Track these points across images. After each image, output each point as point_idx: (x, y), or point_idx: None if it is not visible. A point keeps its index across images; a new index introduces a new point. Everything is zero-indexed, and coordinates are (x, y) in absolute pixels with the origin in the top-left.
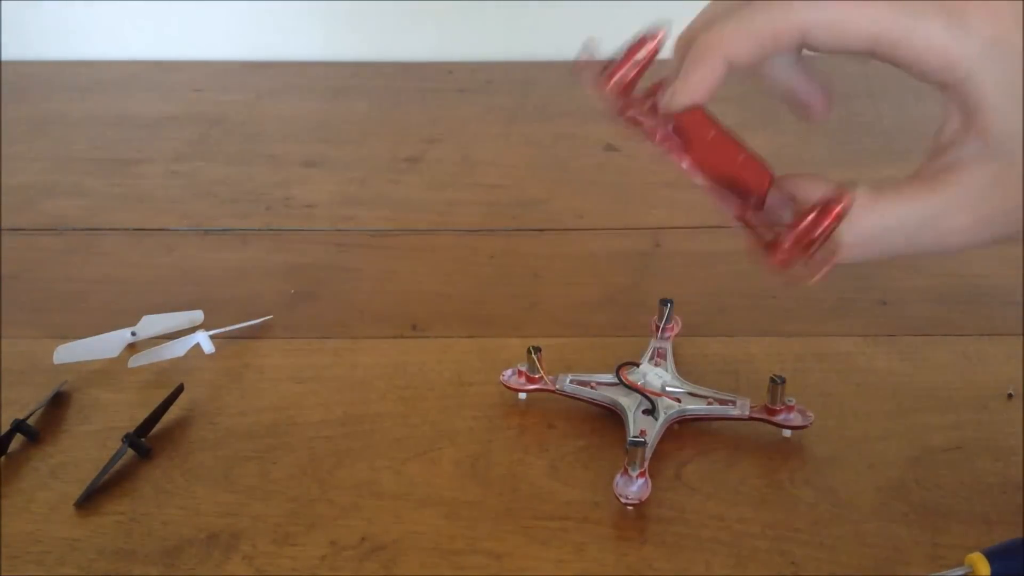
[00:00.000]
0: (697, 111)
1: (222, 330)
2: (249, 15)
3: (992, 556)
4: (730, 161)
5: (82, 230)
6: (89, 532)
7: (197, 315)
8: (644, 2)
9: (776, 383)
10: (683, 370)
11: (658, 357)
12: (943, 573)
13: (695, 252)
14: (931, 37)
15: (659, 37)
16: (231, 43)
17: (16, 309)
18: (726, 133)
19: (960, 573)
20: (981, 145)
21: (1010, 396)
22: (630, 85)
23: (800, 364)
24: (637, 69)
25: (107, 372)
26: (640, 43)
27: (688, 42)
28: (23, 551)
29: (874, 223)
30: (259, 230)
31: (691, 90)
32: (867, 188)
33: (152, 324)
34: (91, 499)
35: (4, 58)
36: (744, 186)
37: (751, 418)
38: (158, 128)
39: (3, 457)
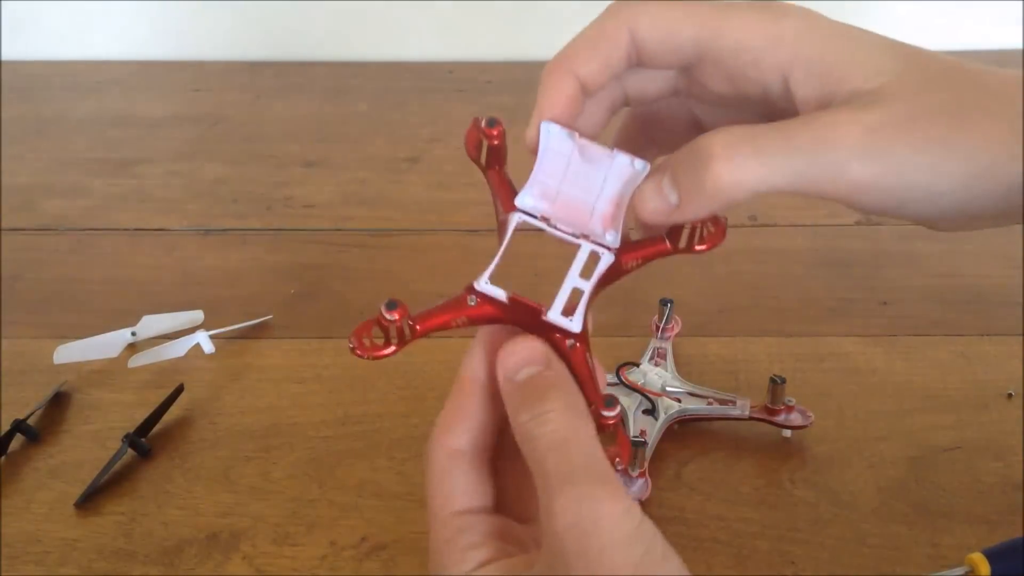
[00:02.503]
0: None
1: (222, 330)
2: (249, 15)
3: (992, 556)
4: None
5: (82, 230)
6: (89, 532)
7: (197, 315)
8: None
9: (776, 383)
10: (683, 370)
11: (658, 357)
12: (943, 573)
13: None
14: (750, 21)
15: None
16: (231, 43)
17: (16, 309)
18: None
19: (960, 573)
20: (841, 93)
21: (1010, 396)
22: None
23: (800, 364)
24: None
25: (107, 372)
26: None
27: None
28: (23, 551)
29: (753, 156)
30: (259, 230)
31: (541, 112)
32: (741, 127)
33: (152, 324)
34: (91, 499)
35: (4, 58)
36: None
37: (751, 418)
38: (158, 128)
39: (3, 457)
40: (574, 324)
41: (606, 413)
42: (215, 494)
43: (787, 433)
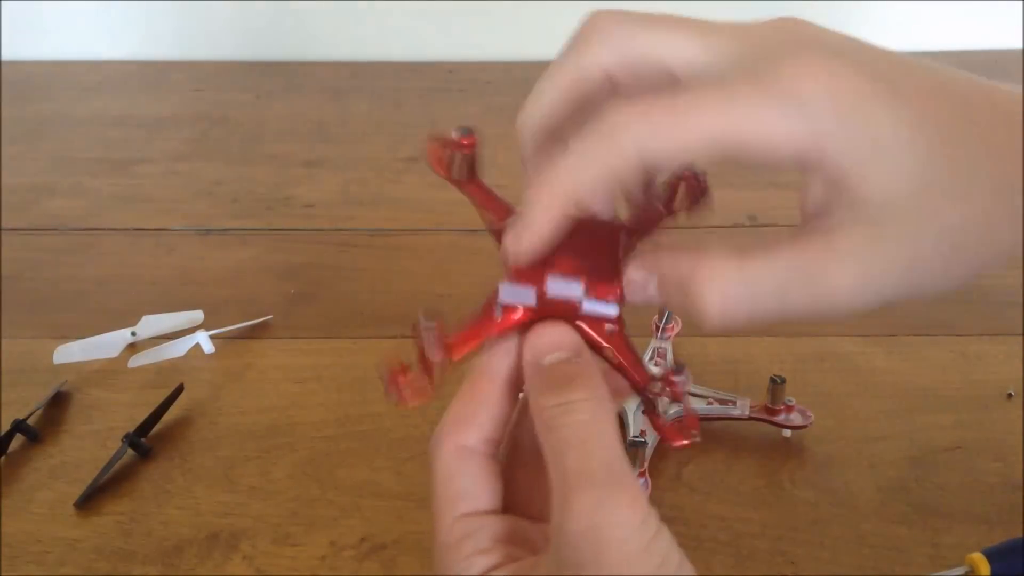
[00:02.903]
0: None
1: (222, 330)
2: (249, 15)
3: (992, 556)
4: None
5: (82, 230)
6: (89, 532)
7: (197, 315)
8: (643, 2)
9: (776, 383)
10: None
11: (658, 357)
12: (943, 573)
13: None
14: (772, 130)
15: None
16: (231, 43)
17: (16, 309)
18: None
19: (960, 573)
20: (848, 211)
21: (1010, 396)
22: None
23: (800, 364)
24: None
25: (107, 372)
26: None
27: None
28: (23, 551)
29: (740, 286)
30: (259, 230)
31: (531, 240)
32: (729, 251)
33: (152, 324)
34: (91, 499)
35: (4, 58)
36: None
37: (751, 418)
38: (158, 128)
39: (3, 457)
40: (611, 308)
41: (677, 378)
42: (215, 494)
43: (787, 433)
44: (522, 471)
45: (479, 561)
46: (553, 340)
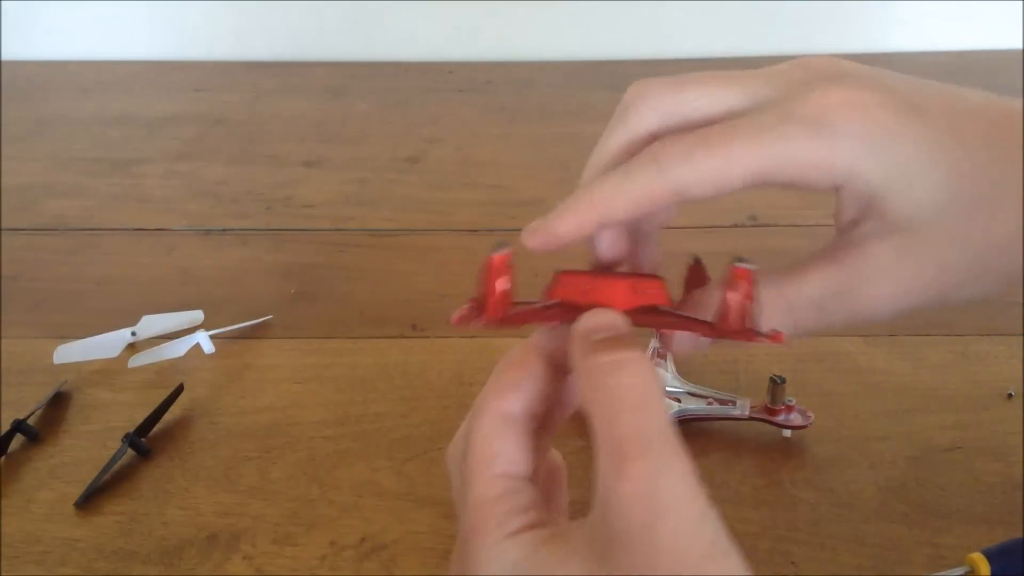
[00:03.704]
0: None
1: (222, 330)
2: (249, 15)
3: (992, 556)
4: (620, 293)
5: (82, 230)
6: (89, 532)
7: (197, 315)
8: (642, 2)
9: (776, 383)
10: (683, 370)
11: (658, 357)
12: (943, 573)
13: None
14: (806, 156)
15: (508, 255)
16: (231, 43)
17: (16, 309)
18: (597, 273)
19: (960, 573)
20: (880, 224)
21: (1010, 396)
22: (505, 310)
23: (800, 364)
24: (505, 301)
25: (107, 372)
26: (493, 271)
27: None
28: (23, 551)
29: (781, 303)
30: (259, 230)
31: (552, 230)
32: (769, 270)
33: (152, 324)
34: (91, 499)
35: (4, 58)
36: (650, 300)
37: (751, 418)
38: (158, 128)
39: (3, 457)
40: (657, 290)
41: (745, 265)
42: (215, 494)
43: (787, 433)
44: (543, 464)
45: (518, 519)
46: (605, 320)
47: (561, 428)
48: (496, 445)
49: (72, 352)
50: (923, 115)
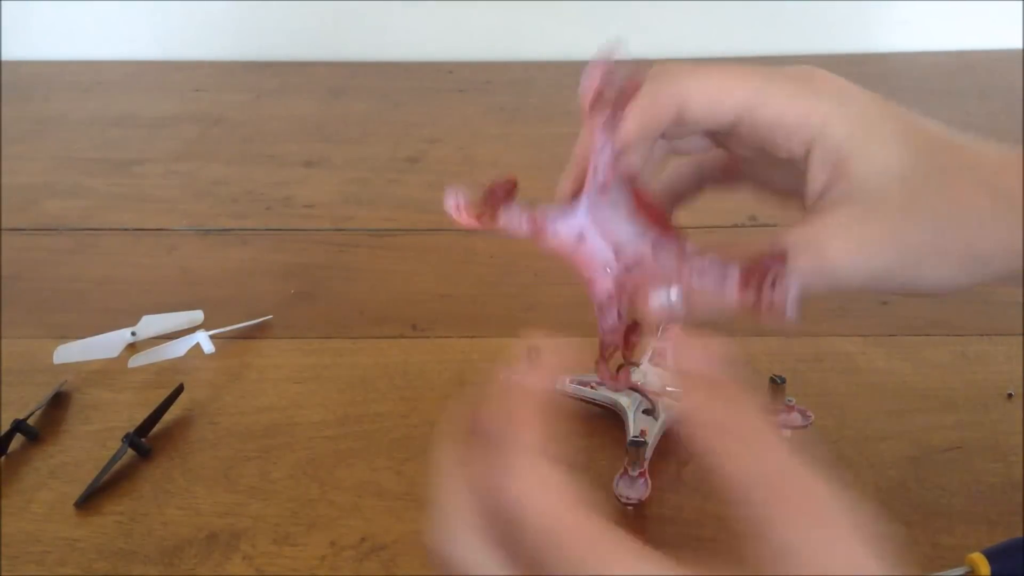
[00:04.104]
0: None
1: (222, 330)
2: (249, 15)
3: (992, 556)
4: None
5: (82, 230)
6: (89, 532)
7: (197, 315)
8: (642, 2)
9: (776, 383)
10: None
11: (659, 357)
12: (943, 573)
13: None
14: (787, 98)
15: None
16: (231, 43)
17: (16, 309)
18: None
19: (960, 573)
20: (845, 187)
21: (1010, 396)
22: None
23: (800, 364)
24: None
25: (107, 372)
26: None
27: None
28: (23, 551)
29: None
30: (259, 230)
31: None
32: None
33: (152, 324)
34: (91, 499)
35: (4, 58)
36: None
37: None
38: (158, 128)
39: (3, 457)
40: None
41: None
42: (215, 494)
43: (787, 433)
44: None
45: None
46: (705, 353)
47: (563, 428)
48: (557, 480)
49: (72, 352)
50: (889, 107)
